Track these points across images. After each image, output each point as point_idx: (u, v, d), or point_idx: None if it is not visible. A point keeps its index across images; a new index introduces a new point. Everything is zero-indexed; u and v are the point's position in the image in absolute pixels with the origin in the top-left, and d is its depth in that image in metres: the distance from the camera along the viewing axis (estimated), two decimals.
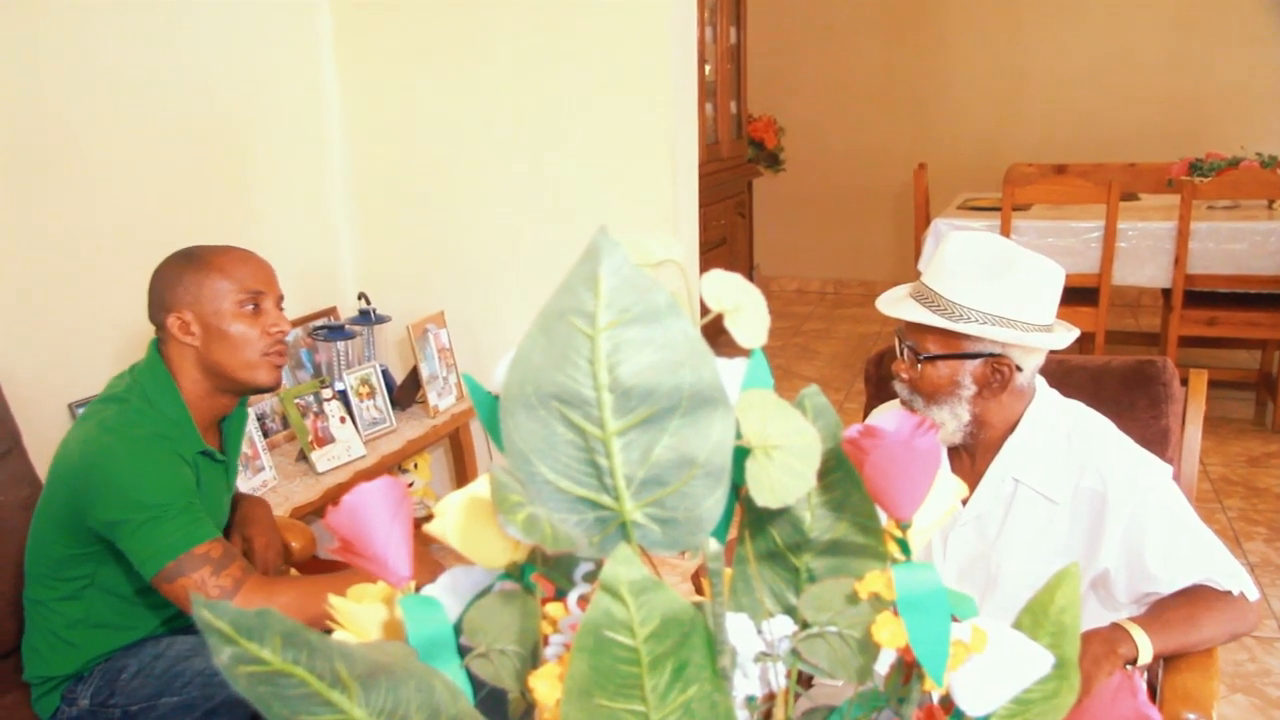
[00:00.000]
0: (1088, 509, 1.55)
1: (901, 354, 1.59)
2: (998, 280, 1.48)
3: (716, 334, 0.70)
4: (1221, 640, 1.49)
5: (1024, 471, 1.58)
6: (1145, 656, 1.40)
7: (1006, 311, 1.48)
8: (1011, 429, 1.60)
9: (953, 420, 1.55)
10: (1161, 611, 1.48)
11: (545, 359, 0.62)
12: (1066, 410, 1.62)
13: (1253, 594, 1.51)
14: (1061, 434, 1.59)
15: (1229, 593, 1.49)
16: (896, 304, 1.57)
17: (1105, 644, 1.40)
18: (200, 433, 1.84)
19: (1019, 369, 1.54)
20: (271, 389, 1.89)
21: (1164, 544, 1.51)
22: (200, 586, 1.66)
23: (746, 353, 0.72)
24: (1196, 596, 1.48)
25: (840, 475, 0.70)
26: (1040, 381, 1.63)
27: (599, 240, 0.60)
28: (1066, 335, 1.55)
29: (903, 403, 1.62)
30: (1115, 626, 1.43)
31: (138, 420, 1.76)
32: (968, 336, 1.50)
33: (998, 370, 1.53)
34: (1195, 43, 6.37)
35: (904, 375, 1.58)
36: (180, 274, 1.81)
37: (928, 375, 1.54)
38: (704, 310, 0.71)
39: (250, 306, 1.82)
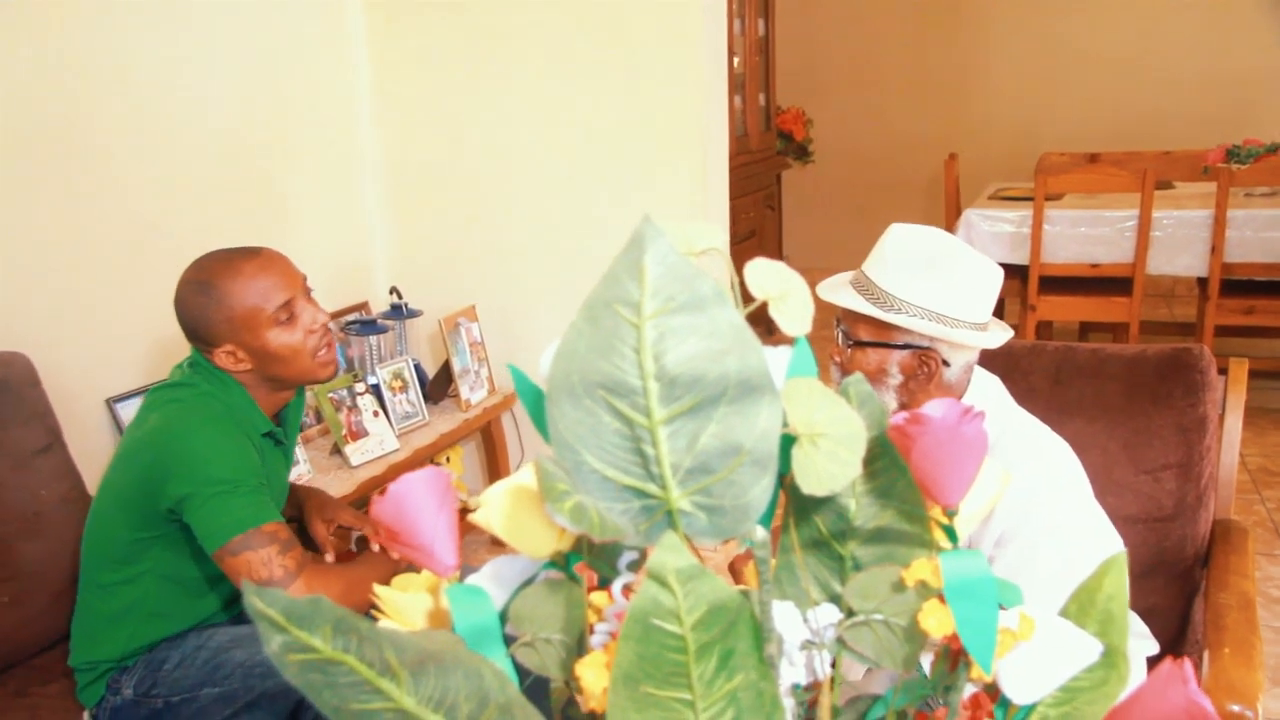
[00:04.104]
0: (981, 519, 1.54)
1: (838, 338, 1.63)
2: (932, 275, 1.51)
3: (753, 323, 0.69)
4: None
5: None
6: None
7: (938, 306, 1.50)
8: None
9: (938, 399, 1.55)
10: None
11: (591, 348, 0.62)
12: (1002, 421, 1.59)
13: None
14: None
15: None
16: (835, 290, 1.61)
17: None
18: (265, 417, 1.88)
19: (946, 364, 1.55)
20: (333, 378, 1.93)
21: (1008, 569, 1.44)
22: (266, 563, 1.69)
23: (789, 340, 0.72)
24: None
25: (885, 463, 0.70)
26: (979, 381, 1.62)
27: (644, 229, 0.60)
28: (999, 335, 1.55)
29: (836, 385, 1.63)
30: None
31: (209, 401, 1.80)
32: (898, 327, 1.53)
33: (925, 363, 1.54)
34: (1230, 27, 6.29)
35: (836, 359, 1.62)
36: (204, 309, 1.79)
37: (857, 360, 1.58)
38: (746, 300, 0.71)
39: (285, 317, 1.82)
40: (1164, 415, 1.87)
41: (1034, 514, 1.48)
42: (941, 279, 1.51)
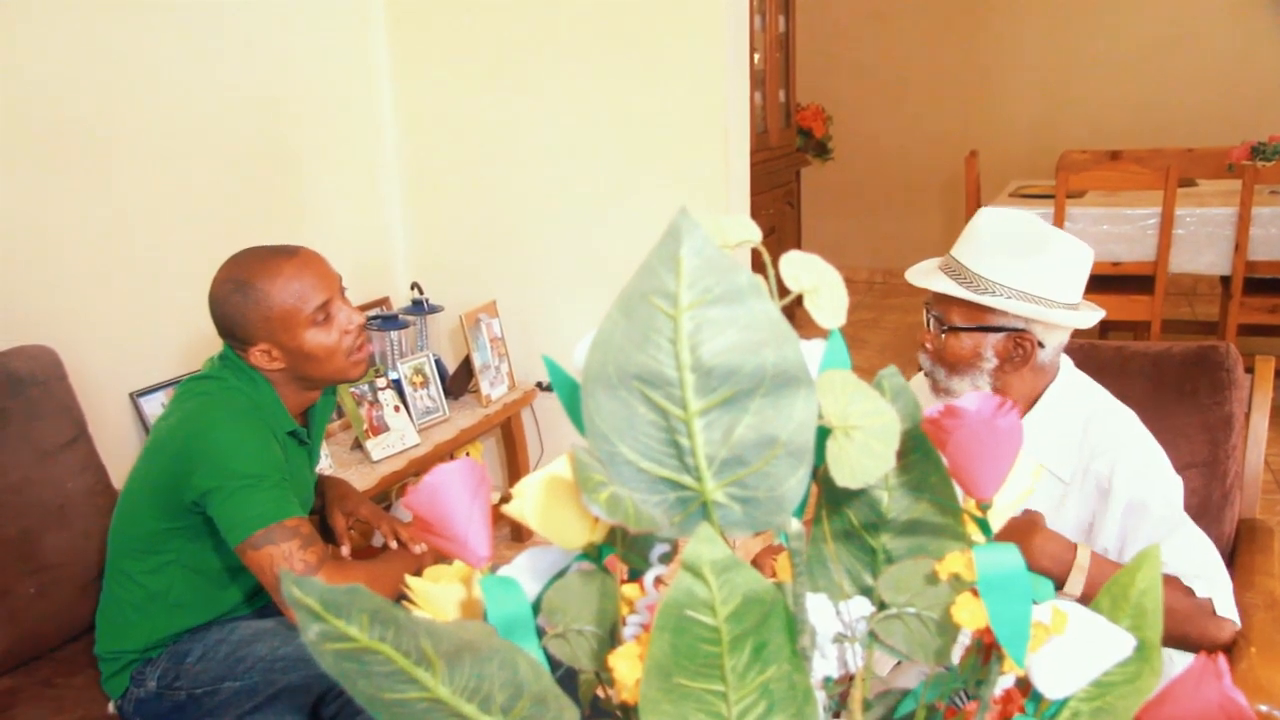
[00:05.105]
0: (1095, 492, 1.56)
1: (928, 324, 1.62)
2: (1025, 257, 1.51)
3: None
4: (1169, 634, 1.43)
5: (1037, 450, 1.59)
6: (1073, 585, 1.40)
7: (1032, 288, 1.51)
8: (1030, 406, 1.62)
9: (973, 392, 1.56)
10: (1120, 566, 1.47)
11: (626, 339, 0.62)
12: (1090, 396, 1.63)
13: (1226, 612, 1.44)
14: (1080, 418, 1.60)
15: (1196, 595, 1.43)
16: (925, 275, 1.61)
17: (1048, 540, 1.42)
18: (290, 416, 1.89)
19: (1041, 345, 1.56)
20: (363, 376, 1.93)
21: (1153, 537, 1.48)
22: (288, 557, 1.70)
23: (820, 334, 0.72)
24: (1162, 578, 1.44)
25: (919, 456, 0.70)
26: (1066, 362, 1.65)
27: (680, 221, 0.60)
28: (1091, 315, 1.57)
29: (925, 374, 1.65)
30: (1071, 545, 1.44)
31: (235, 396, 1.81)
32: (992, 310, 1.53)
33: (1020, 345, 1.55)
34: (1254, 23, 6.24)
35: (928, 345, 1.62)
36: (242, 309, 1.79)
37: (951, 346, 1.58)
38: (782, 292, 0.71)
39: (322, 318, 1.83)
40: (1189, 414, 1.86)
41: (1157, 478, 1.53)
42: (1035, 260, 1.51)
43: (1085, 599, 1.41)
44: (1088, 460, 1.57)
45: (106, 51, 2.51)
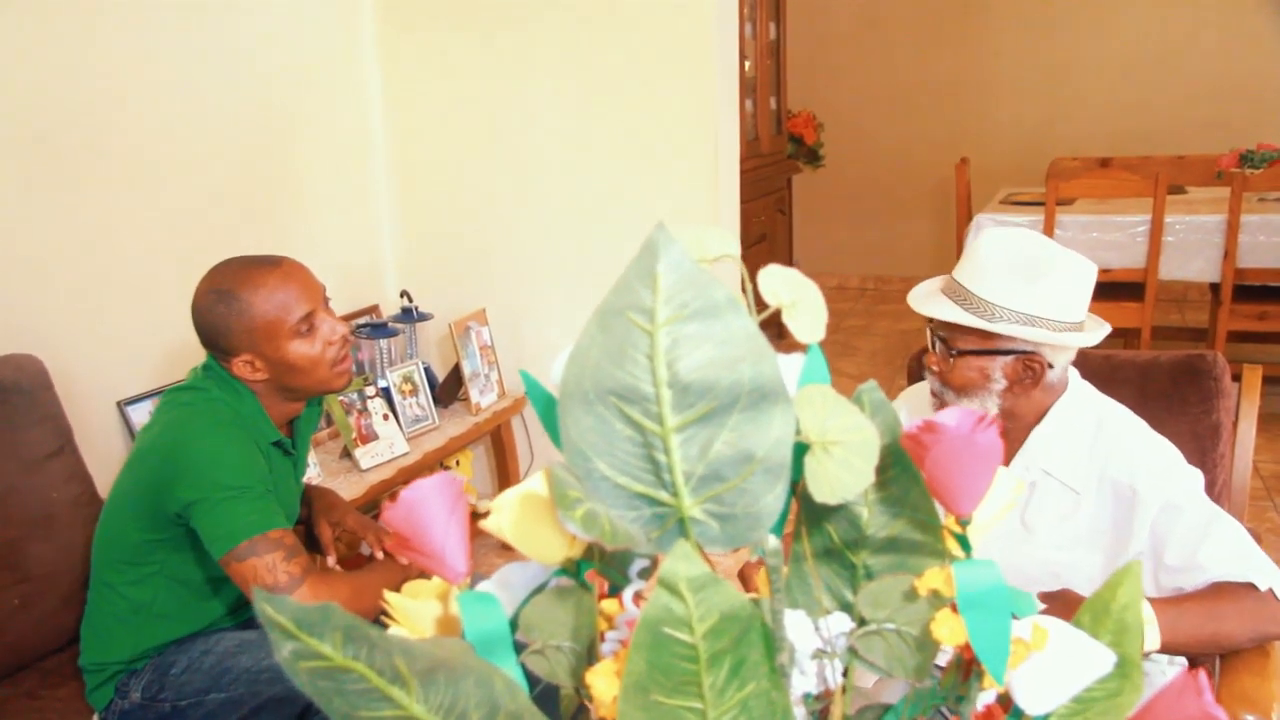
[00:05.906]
0: (1113, 500, 1.55)
1: (933, 346, 1.61)
2: (1031, 281, 1.50)
3: (764, 327, 0.69)
4: (1245, 639, 1.43)
5: (1048, 462, 1.59)
6: (1150, 642, 1.37)
7: (1040, 311, 1.50)
8: (1039, 420, 1.61)
9: (952, 408, 1.57)
10: (1180, 600, 1.44)
11: (603, 355, 0.61)
12: (1097, 404, 1.63)
13: None
14: (1089, 427, 1.59)
15: (1258, 589, 1.42)
16: (928, 300, 1.60)
17: None
18: (274, 426, 1.88)
19: (1050, 366, 1.55)
20: (347, 387, 1.92)
21: (1192, 538, 1.47)
22: (271, 569, 1.69)
23: (801, 348, 0.72)
24: (1220, 589, 1.43)
25: (898, 472, 0.70)
26: (1073, 374, 1.64)
27: (657, 236, 0.60)
28: (1098, 332, 1.56)
29: (933, 394, 1.64)
30: None
31: (218, 407, 1.80)
32: (1000, 335, 1.51)
33: (1029, 367, 1.54)
34: (1243, 30, 6.26)
35: (935, 368, 1.60)
36: (225, 320, 1.78)
37: (959, 370, 1.56)
38: (759, 306, 0.70)
39: (305, 329, 1.82)
40: (1177, 422, 1.86)
41: (1179, 477, 1.52)
42: (1041, 284, 1.50)
43: (1167, 647, 1.39)
44: (1101, 467, 1.56)
45: (92, 62, 2.50)
